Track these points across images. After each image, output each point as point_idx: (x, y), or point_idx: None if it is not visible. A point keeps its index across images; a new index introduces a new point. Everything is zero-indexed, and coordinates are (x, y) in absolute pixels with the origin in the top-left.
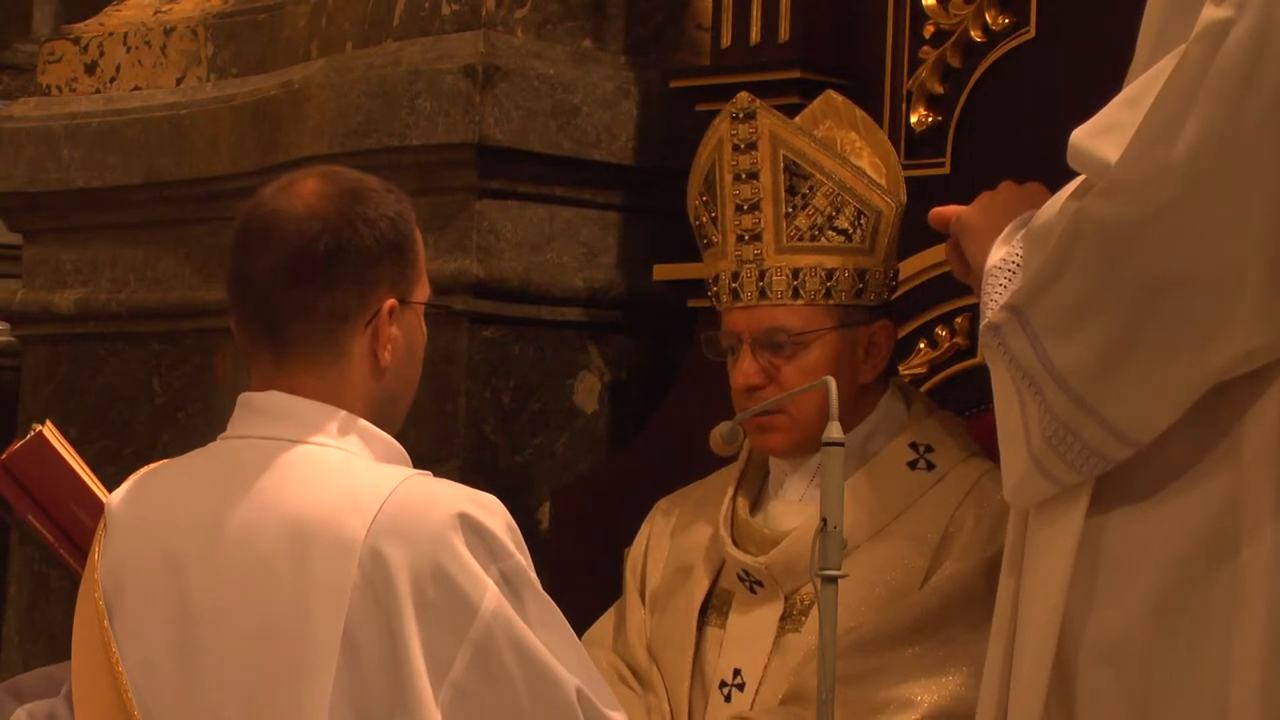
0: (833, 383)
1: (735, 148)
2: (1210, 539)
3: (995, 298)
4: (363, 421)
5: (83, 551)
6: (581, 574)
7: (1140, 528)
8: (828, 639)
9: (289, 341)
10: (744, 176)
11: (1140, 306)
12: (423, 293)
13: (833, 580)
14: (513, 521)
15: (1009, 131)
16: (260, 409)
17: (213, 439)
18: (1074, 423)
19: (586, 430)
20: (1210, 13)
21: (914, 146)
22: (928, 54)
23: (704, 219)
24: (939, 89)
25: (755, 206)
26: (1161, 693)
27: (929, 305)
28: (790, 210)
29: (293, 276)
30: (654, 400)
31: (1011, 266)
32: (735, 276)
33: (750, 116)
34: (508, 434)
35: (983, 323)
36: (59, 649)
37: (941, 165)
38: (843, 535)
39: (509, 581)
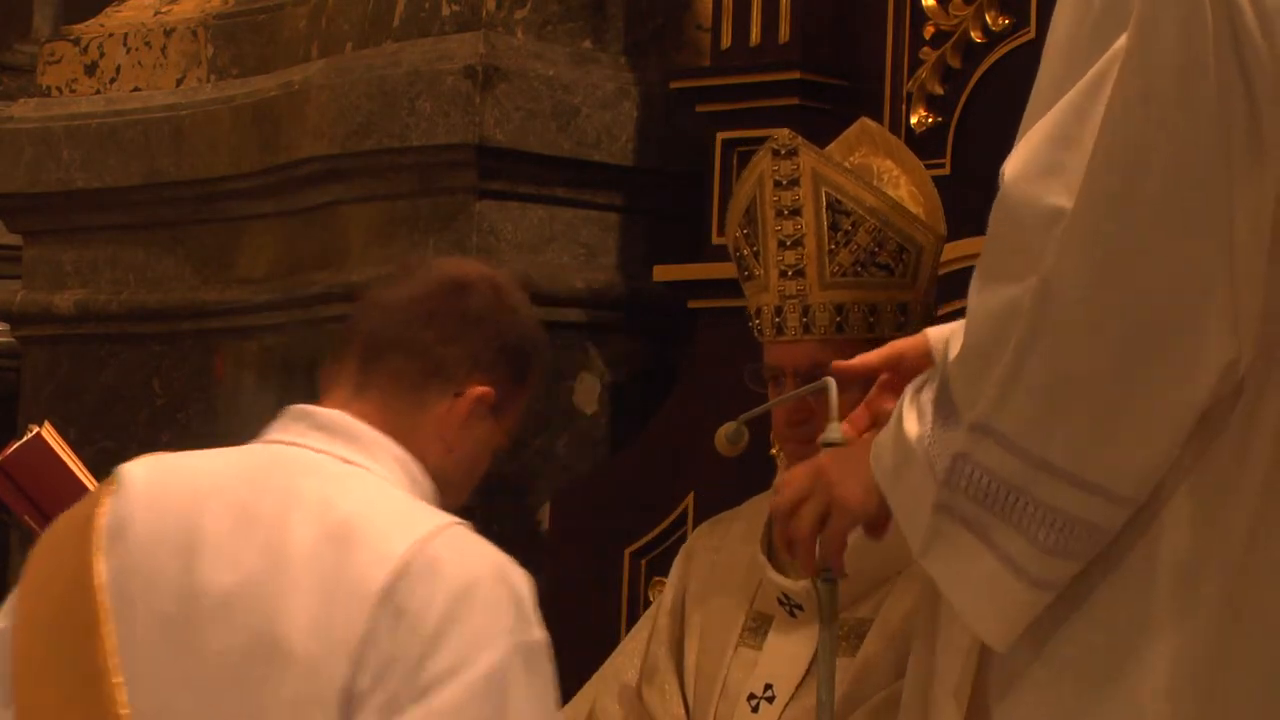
0: (832, 383)
1: (777, 184)
2: (1127, 570)
3: (938, 460)
4: (418, 465)
5: None
6: (581, 575)
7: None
8: (826, 640)
9: (378, 372)
10: (786, 212)
11: (1124, 355)
12: (510, 421)
13: (833, 580)
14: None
15: (1009, 132)
16: (322, 424)
17: (213, 439)
18: (1081, 509)
19: (587, 431)
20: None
21: (914, 147)
22: (928, 55)
23: (745, 251)
24: (939, 90)
25: (798, 243)
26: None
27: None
28: (833, 247)
29: (426, 312)
30: (654, 401)
31: (931, 426)
32: (779, 311)
33: (792, 153)
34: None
35: (920, 519)
36: None
37: (942, 166)
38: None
39: (524, 651)
